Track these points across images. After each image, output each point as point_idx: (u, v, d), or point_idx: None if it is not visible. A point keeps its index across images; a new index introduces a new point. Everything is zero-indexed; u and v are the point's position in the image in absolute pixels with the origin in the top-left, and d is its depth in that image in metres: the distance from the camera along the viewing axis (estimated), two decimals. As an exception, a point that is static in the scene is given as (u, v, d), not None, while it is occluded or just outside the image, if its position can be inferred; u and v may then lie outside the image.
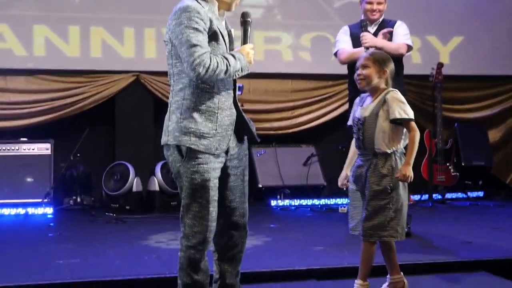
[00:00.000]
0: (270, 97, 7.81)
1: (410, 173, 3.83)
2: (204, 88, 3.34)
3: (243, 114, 3.51)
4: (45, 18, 7.23)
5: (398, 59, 5.68)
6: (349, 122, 4.08)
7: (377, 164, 3.88)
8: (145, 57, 7.48)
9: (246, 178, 3.62)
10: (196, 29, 3.24)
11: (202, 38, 3.24)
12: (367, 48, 5.53)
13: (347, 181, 4.06)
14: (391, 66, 3.99)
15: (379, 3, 5.71)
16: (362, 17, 5.81)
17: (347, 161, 4.13)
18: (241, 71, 3.38)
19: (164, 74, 7.26)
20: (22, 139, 7.03)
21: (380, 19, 5.80)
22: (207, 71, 3.21)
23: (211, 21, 3.32)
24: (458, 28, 8.18)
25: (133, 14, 7.42)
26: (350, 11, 7.73)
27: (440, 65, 7.48)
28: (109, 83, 7.37)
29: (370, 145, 3.89)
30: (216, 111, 3.37)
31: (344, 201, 6.95)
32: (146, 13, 7.44)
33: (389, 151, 3.88)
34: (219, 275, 3.68)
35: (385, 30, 5.65)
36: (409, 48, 5.78)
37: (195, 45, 3.22)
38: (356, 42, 5.70)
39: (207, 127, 3.33)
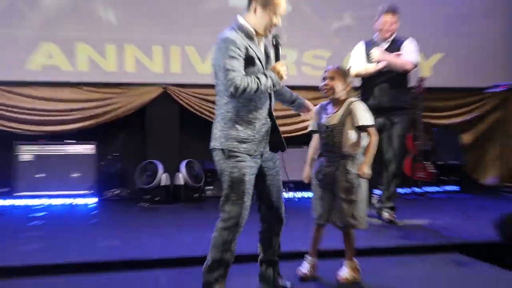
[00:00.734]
0: (278, 105, 7.78)
1: (369, 171, 3.91)
2: (243, 103, 3.49)
3: (277, 124, 3.65)
4: (86, 38, 7.27)
5: (404, 74, 5.73)
6: (313, 128, 4.12)
7: (346, 164, 3.93)
8: (171, 71, 7.50)
9: (280, 177, 3.77)
10: (232, 57, 3.38)
11: (236, 64, 3.37)
12: (376, 64, 5.57)
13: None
14: (350, 79, 4.01)
15: (392, 23, 5.66)
16: (376, 33, 5.77)
17: (309, 160, 4.16)
18: (273, 86, 3.51)
19: (188, 86, 7.48)
20: (70, 141, 7.11)
21: (392, 37, 5.73)
22: (237, 90, 3.35)
23: (247, 48, 3.46)
24: (439, 45, 8.15)
25: (161, 34, 7.45)
26: (345, 32, 7.84)
27: (422, 79, 7.49)
28: (141, 94, 7.41)
29: (339, 148, 3.94)
30: (254, 121, 3.53)
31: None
32: (172, 33, 7.47)
33: (354, 153, 3.95)
34: (259, 251, 3.87)
35: (398, 53, 5.63)
36: (415, 64, 5.71)
37: (228, 70, 3.35)
38: (369, 57, 5.68)
39: (246, 134, 3.51)
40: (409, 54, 5.70)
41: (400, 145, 5.82)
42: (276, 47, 3.60)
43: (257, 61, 3.52)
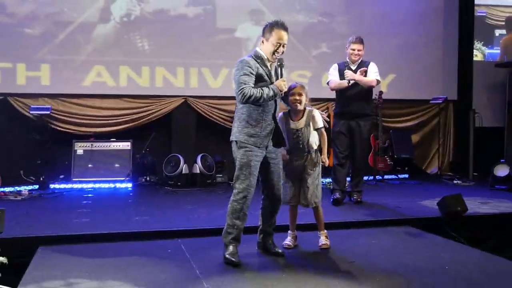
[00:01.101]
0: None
1: (327, 159, 3.97)
2: (254, 108, 3.57)
3: (278, 125, 3.70)
4: (126, 61, 7.21)
5: (369, 89, 5.64)
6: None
7: (311, 158, 3.91)
8: (190, 86, 7.42)
9: (281, 166, 3.77)
10: (245, 73, 3.49)
11: (247, 79, 3.48)
12: (348, 81, 5.46)
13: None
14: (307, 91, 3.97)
15: (359, 50, 5.55)
16: (347, 58, 5.65)
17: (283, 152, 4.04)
18: (275, 96, 3.57)
19: (203, 97, 7.41)
20: (112, 139, 7.03)
21: (359, 60, 5.61)
22: (244, 97, 3.46)
23: (258, 68, 3.56)
24: (392, 68, 8.06)
25: (183, 59, 7.38)
26: (323, 57, 7.75)
27: (381, 93, 7.48)
28: (167, 103, 7.33)
29: (306, 146, 3.91)
30: (261, 122, 3.59)
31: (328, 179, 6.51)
32: (191, 58, 7.39)
33: (315, 148, 3.95)
34: (260, 223, 3.84)
35: (362, 69, 5.52)
36: (378, 82, 5.61)
37: (241, 83, 3.47)
38: (342, 75, 5.58)
39: (254, 131, 3.56)
40: (373, 74, 5.61)
41: (366, 143, 5.79)
42: (280, 67, 3.67)
43: (266, 77, 3.59)
